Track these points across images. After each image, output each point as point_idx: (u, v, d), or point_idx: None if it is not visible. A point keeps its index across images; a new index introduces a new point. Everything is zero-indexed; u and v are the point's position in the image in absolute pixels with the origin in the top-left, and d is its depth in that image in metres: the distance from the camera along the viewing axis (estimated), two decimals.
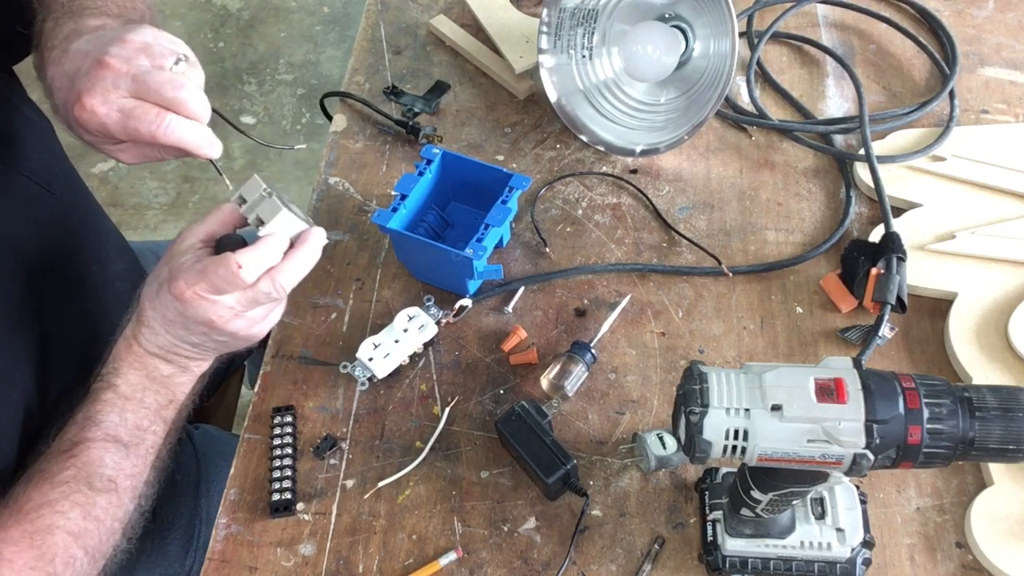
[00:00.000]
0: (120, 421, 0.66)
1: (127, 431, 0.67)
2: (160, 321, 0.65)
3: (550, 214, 0.90)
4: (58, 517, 0.63)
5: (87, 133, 0.62)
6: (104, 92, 0.59)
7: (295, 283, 0.64)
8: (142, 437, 0.68)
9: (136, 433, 0.67)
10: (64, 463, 0.64)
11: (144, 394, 0.68)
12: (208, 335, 0.65)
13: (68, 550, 0.63)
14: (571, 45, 0.94)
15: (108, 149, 0.65)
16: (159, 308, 0.64)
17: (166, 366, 0.68)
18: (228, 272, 0.60)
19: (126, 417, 0.67)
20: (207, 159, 0.65)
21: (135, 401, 0.67)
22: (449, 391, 0.79)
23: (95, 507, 0.65)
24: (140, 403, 0.67)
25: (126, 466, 0.67)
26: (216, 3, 2.51)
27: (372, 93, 1.01)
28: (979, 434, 0.49)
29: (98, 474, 0.65)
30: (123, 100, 0.59)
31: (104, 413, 0.66)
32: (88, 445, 0.65)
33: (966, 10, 1.06)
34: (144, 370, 0.67)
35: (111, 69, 0.59)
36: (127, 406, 0.67)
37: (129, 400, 0.67)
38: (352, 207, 0.92)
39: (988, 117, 0.96)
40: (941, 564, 0.68)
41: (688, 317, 0.82)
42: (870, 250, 0.81)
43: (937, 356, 0.79)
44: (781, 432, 0.51)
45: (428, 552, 0.70)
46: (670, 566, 0.69)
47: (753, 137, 0.96)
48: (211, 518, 0.85)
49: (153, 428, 0.68)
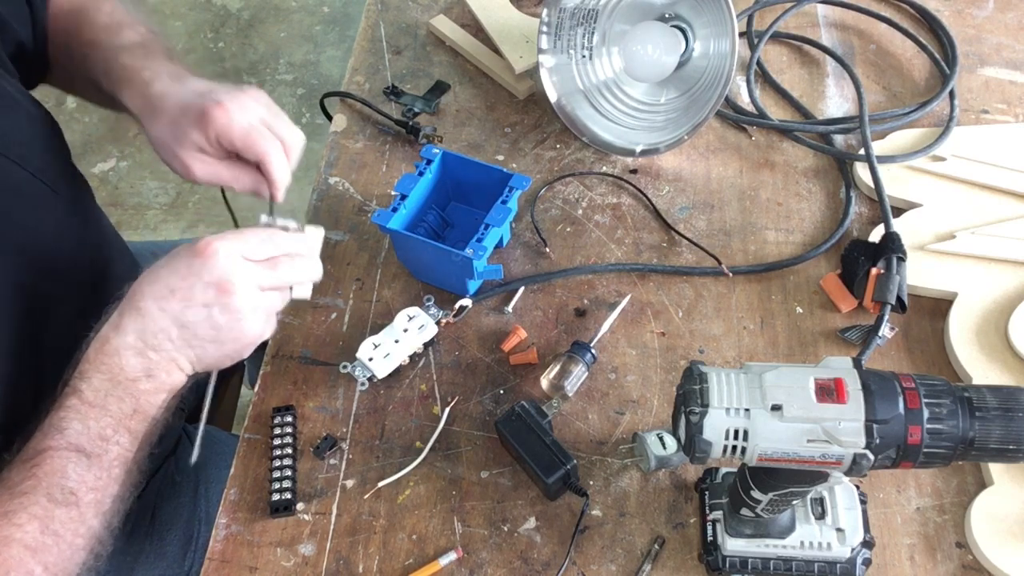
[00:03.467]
0: (83, 429, 0.63)
1: (90, 440, 0.63)
2: (158, 293, 0.62)
3: (550, 214, 0.90)
4: (15, 530, 0.59)
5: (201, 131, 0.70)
6: (243, 105, 0.70)
7: (305, 280, 0.68)
8: (105, 448, 0.64)
9: (99, 443, 0.63)
10: (26, 472, 0.61)
11: (107, 400, 0.64)
12: (209, 310, 0.62)
13: (24, 564, 0.59)
14: (571, 45, 0.94)
15: (188, 155, 0.72)
16: (163, 277, 0.62)
17: (135, 363, 0.64)
18: (267, 235, 0.65)
19: (89, 425, 0.63)
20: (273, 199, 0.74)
21: (98, 408, 0.63)
22: (449, 391, 0.79)
23: (54, 521, 0.61)
24: (104, 410, 0.64)
25: (88, 478, 0.63)
26: (216, 3, 2.51)
27: (372, 93, 1.01)
28: (979, 434, 0.49)
29: (59, 485, 0.61)
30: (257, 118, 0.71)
31: (68, 420, 0.63)
32: (50, 454, 0.62)
33: (966, 10, 1.06)
34: (109, 373, 0.64)
35: (250, 95, 0.72)
36: (90, 413, 0.63)
37: (93, 407, 0.63)
38: (352, 207, 0.92)
39: (988, 117, 0.96)
40: (941, 564, 0.68)
41: (688, 317, 0.82)
42: (870, 250, 0.81)
43: (937, 356, 0.79)
44: (781, 432, 0.51)
45: (428, 552, 0.70)
46: (670, 566, 0.69)
47: (753, 137, 0.96)
48: (210, 518, 0.85)
49: (117, 439, 0.64)
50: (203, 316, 0.63)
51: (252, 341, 0.66)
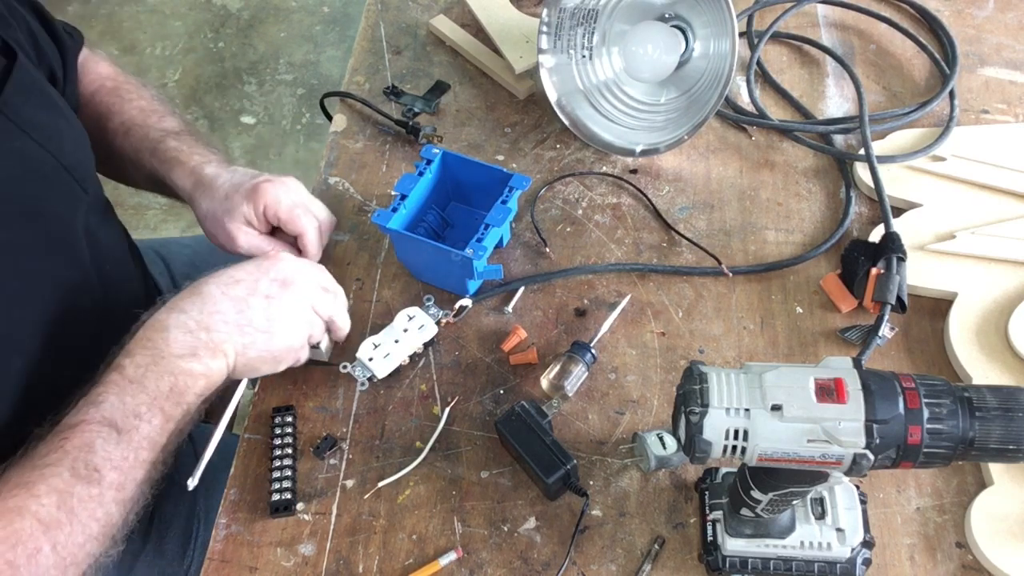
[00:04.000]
0: (119, 404, 0.64)
1: (123, 416, 0.64)
2: (222, 282, 0.68)
3: (550, 214, 0.90)
4: (31, 501, 0.59)
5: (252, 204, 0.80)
6: (287, 186, 0.81)
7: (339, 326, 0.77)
8: (136, 425, 0.64)
9: (131, 420, 0.64)
10: (55, 445, 0.62)
11: (146, 376, 0.65)
12: (268, 301, 0.68)
13: (34, 539, 0.58)
14: (571, 45, 0.94)
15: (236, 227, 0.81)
16: (229, 272, 0.69)
17: (181, 340, 0.66)
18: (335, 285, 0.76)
19: (125, 400, 0.64)
20: None
21: (137, 384, 0.65)
22: (449, 391, 0.79)
23: (72, 496, 0.61)
24: (141, 386, 0.65)
25: (115, 455, 0.63)
26: (216, 3, 2.51)
27: (372, 93, 1.01)
28: (979, 434, 0.49)
29: (83, 460, 0.61)
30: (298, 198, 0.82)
31: (105, 395, 0.64)
32: (83, 427, 0.62)
33: (966, 10, 1.06)
34: (153, 349, 0.65)
35: (291, 179, 0.83)
36: (128, 389, 0.64)
37: (132, 383, 0.64)
38: (352, 207, 0.92)
39: (988, 117, 0.96)
40: (941, 564, 0.68)
41: (688, 317, 0.82)
42: (870, 250, 0.81)
43: (937, 356, 0.79)
44: (781, 432, 0.51)
45: (428, 552, 0.70)
46: (670, 566, 0.69)
47: (753, 137, 0.96)
48: (210, 517, 0.85)
49: (149, 417, 0.65)
50: (263, 306, 0.68)
51: (293, 347, 0.72)
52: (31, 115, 0.74)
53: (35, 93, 0.76)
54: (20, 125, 0.73)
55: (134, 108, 0.90)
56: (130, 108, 0.90)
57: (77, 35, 0.91)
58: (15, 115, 0.72)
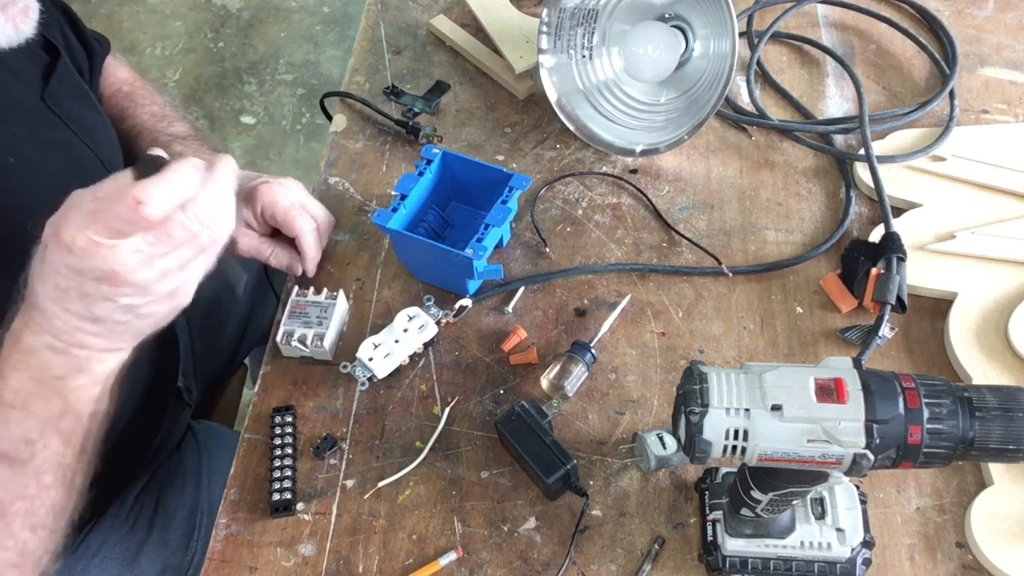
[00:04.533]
0: (4, 433, 0.57)
1: (12, 445, 0.57)
2: (52, 295, 0.54)
3: (550, 214, 0.90)
4: None
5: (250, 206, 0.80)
6: (286, 187, 0.80)
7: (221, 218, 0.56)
8: (32, 451, 0.57)
9: (23, 447, 0.57)
10: None
11: (30, 401, 0.57)
12: (112, 300, 0.54)
13: None
14: (571, 45, 0.94)
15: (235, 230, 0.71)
16: (48, 277, 0.53)
17: (59, 361, 0.56)
18: (125, 209, 0.51)
19: (10, 429, 0.57)
20: (305, 273, 0.84)
21: (19, 410, 0.57)
22: (449, 391, 0.79)
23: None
24: (26, 412, 0.57)
25: (13, 487, 0.57)
26: (216, 3, 2.51)
27: (372, 93, 1.01)
28: (979, 434, 0.49)
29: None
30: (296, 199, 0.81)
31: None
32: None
33: (966, 10, 1.06)
34: (29, 371, 0.56)
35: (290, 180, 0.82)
36: (11, 415, 0.57)
37: (13, 409, 0.57)
38: (352, 207, 0.92)
39: (988, 117, 0.96)
40: (941, 564, 0.68)
41: (688, 317, 0.82)
42: (870, 250, 0.81)
43: (937, 356, 0.79)
44: (781, 432, 0.51)
45: (428, 552, 0.70)
46: (670, 566, 0.69)
47: (753, 137, 0.96)
48: (213, 509, 0.86)
49: (44, 441, 0.57)
50: (110, 307, 0.55)
51: (181, 295, 0.58)
52: (71, 109, 0.76)
53: (75, 89, 0.79)
54: (63, 118, 0.75)
55: (146, 113, 0.92)
56: (142, 113, 0.92)
57: (104, 42, 0.94)
58: (58, 108, 0.75)
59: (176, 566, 0.89)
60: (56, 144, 0.74)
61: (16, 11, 0.60)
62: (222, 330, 1.09)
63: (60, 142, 0.75)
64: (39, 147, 0.72)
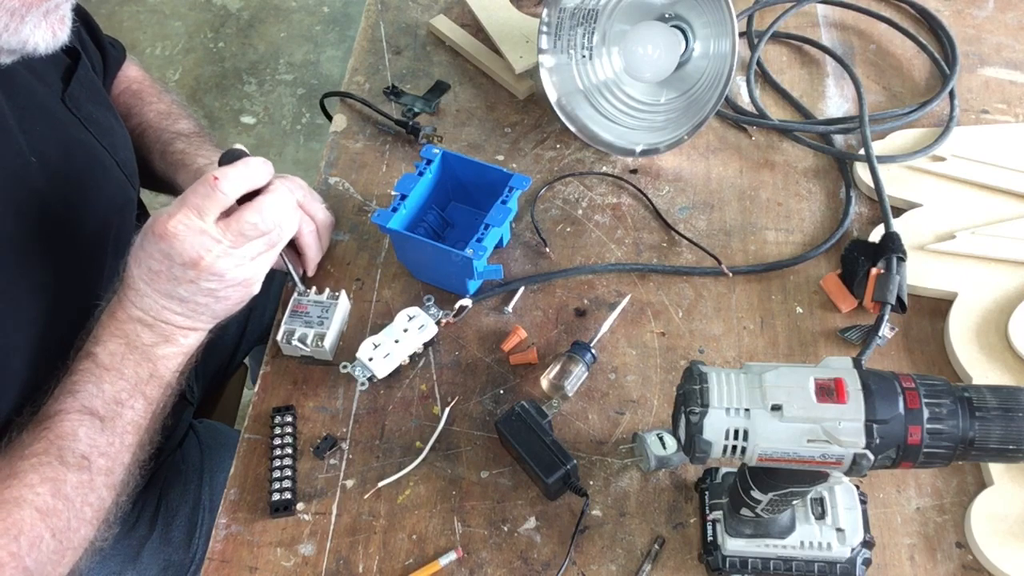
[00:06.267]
0: (97, 392, 0.64)
1: (103, 403, 0.64)
2: (145, 276, 0.64)
3: (550, 214, 0.90)
4: (27, 491, 0.60)
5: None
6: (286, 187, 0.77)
7: (287, 220, 0.68)
8: (119, 412, 0.65)
9: (113, 407, 0.65)
10: (37, 435, 0.62)
11: (123, 364, 0.65)
12: (196, 283, 0.64)
13: (35, 528, 0.60)
14: (571, 45, 0.94)
15: None
16: (143, 260, 0.64)
17: (149, 333, 0.66)
18: (206, 188, 0.62)
19: (103, 388, 0.64)
20: (306, 273, 0.85)
21: (114, 372, 0.65)
22: (449, 391, 0.79)
23: (66, 484, 0.62)
24: (119, 374, 0.65)
25: (100, 442, 0.64)
26: (216, 3, 2.51)
27: (372, 93, 1.01)
28: (979, 434, 0.49)
29: (71, 448, 0.62)
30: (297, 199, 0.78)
31: (80, 383, 0.64)
32: (62, 417, 0.63)
33: (966, 10, 1.06)
34: (124, 338, 0.65)
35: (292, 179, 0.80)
36: (105, 376, 0.64)
37: (108, 370, 0.65)
38: (352, 207, 0.92)
39: (988, 117, 0.96)
40: (941, 564, 0.68)
41: (688, 317, 0.82)
42: (870, 250, 0.81)
43: (937, 356, 0.79)
44: (781, 432, 0.51)
45: (428, 552, 0.70)
46: (670, 566, 0.69)
47: (753, 137, 0.96)
48: (214, 506, 0.86)
49: (132, 403, 0.66)
50: (193, 289, 0.65)
51: (252, 283, 0.69)
52: (90, 111, 0.78)
53: (94, 92, 0.80)
54: (82, 120, 0.77)
55: (152, 111, 0.93)
56: (148, 111, 0.92)
57: (119, 48, 0.95)
58: (77, 110, 0.76)
59: (178, 563, 0.90)
60: (75, 145, 0.76)
61: (56, 19, 0.62)
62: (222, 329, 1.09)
63: (79, 143, 0.76)
64: (60, 147, 0.74)
